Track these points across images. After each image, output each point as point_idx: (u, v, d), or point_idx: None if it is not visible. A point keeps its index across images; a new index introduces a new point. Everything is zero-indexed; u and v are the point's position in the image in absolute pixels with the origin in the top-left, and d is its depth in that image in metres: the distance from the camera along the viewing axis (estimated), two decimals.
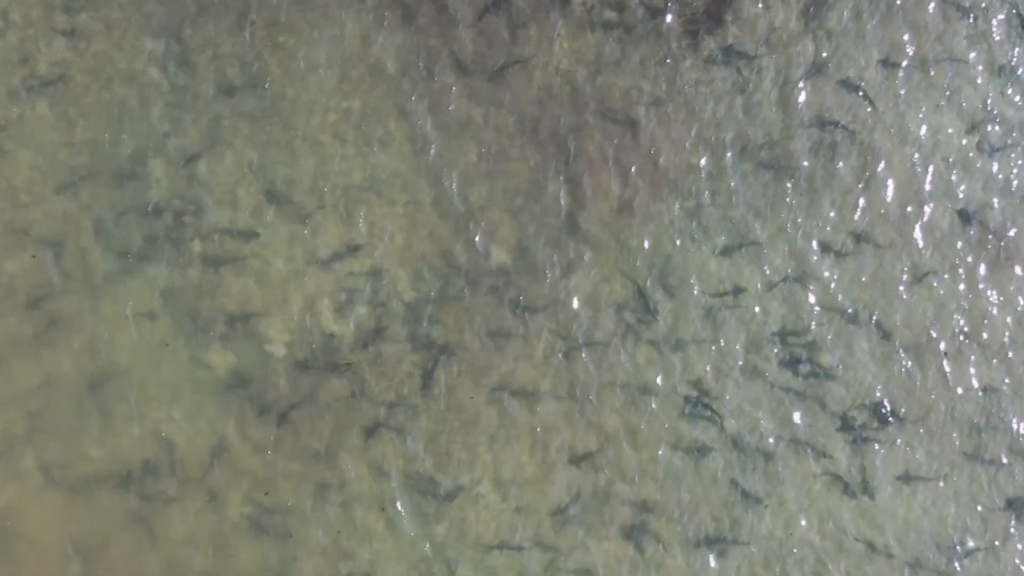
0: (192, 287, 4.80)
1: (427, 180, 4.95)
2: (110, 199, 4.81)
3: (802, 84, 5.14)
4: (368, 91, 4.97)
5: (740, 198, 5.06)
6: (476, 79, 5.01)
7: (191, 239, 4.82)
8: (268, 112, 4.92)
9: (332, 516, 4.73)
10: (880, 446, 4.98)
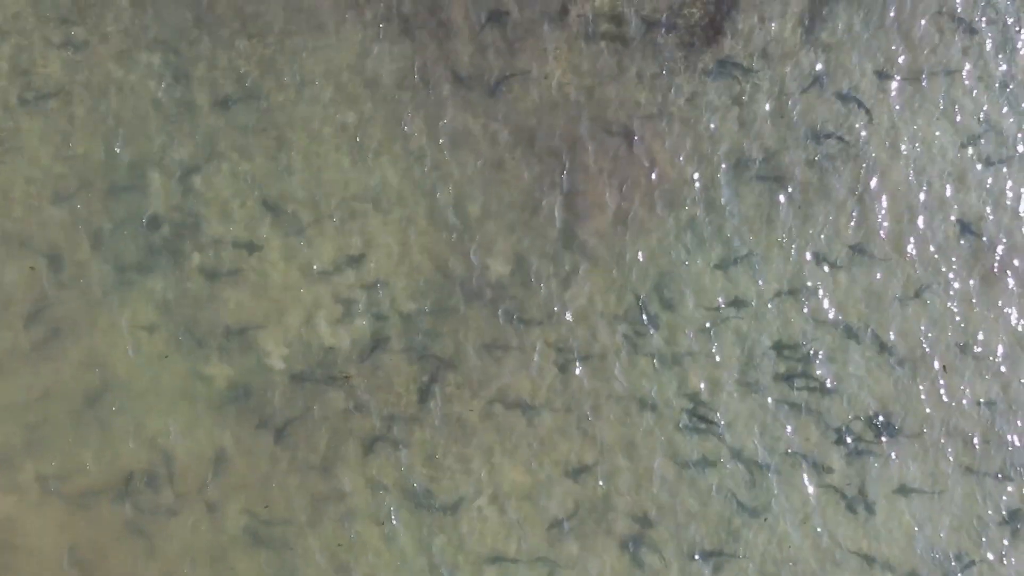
0: (190, 299, 4.79)
1: (424, 192, 4.95)
2: (108, 211, 4.80)
3: (798, 97, 5.15)
4: (365, 104, 4.97)
5: (736, 211, 5.07)
6: (473, 92, 5.00)
7: (189, 252, 4.81)
8: (265, 125, 4.91)
9: (330, 529, 4.72)
10: (876, 459, 4.99)
